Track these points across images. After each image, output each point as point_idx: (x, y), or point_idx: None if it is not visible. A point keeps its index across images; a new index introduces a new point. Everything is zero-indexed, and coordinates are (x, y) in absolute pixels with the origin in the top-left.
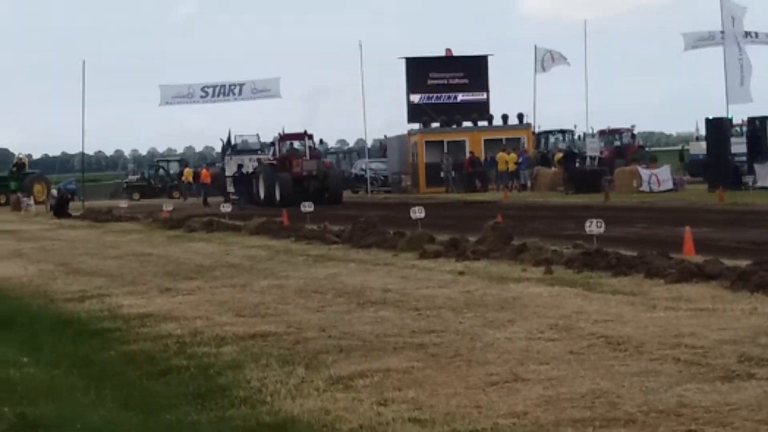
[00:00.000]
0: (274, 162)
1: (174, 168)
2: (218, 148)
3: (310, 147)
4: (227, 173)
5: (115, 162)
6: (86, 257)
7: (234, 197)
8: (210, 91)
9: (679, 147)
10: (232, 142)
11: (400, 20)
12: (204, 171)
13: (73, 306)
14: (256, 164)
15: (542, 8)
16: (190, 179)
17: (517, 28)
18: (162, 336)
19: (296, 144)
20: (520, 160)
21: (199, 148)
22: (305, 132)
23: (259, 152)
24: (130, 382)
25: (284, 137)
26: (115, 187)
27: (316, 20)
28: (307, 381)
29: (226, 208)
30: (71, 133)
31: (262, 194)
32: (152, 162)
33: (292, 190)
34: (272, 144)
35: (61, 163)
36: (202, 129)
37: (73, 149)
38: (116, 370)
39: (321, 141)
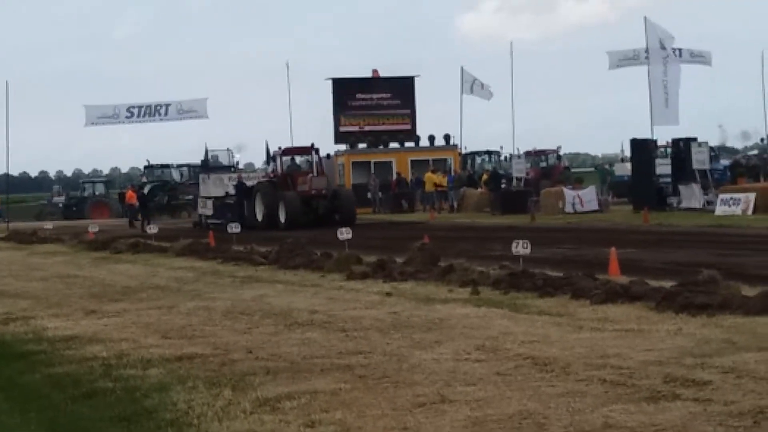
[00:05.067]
0: (274, 179)
1: (100, 189)
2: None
3: (316, 163)
4: (202, 194)
5: (40, 183)
6: (11, 279)
7: (213, 221)
8: (135, 111)
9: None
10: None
11: (328, 40)
12: (129, 192)
13: None
14: (234, 183)
15: (468, 29)
16: None
17: (443, 49)
18: (87, 358)
19: (298, 159)
20: (449, 180)
21: (125, 169)
22: (312, 146)
23: (232, 169)
24: (55, 405)
25: (286, 151)
26: (39, 208)
27: (245, 40)
28: (234, 403)
29: (153, 229)
30: None
31: (259, 216)
32: (77, 183)
33: (300, 210)
34: (272, 159)
35: None
36: (128, 150)
37: None
38: (41, 393)
39: (328, 156)
